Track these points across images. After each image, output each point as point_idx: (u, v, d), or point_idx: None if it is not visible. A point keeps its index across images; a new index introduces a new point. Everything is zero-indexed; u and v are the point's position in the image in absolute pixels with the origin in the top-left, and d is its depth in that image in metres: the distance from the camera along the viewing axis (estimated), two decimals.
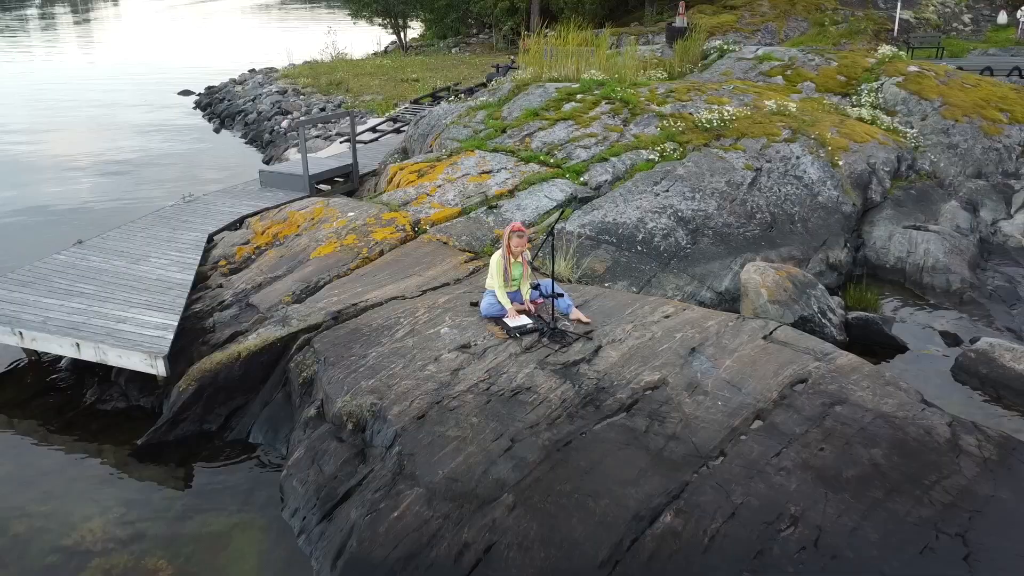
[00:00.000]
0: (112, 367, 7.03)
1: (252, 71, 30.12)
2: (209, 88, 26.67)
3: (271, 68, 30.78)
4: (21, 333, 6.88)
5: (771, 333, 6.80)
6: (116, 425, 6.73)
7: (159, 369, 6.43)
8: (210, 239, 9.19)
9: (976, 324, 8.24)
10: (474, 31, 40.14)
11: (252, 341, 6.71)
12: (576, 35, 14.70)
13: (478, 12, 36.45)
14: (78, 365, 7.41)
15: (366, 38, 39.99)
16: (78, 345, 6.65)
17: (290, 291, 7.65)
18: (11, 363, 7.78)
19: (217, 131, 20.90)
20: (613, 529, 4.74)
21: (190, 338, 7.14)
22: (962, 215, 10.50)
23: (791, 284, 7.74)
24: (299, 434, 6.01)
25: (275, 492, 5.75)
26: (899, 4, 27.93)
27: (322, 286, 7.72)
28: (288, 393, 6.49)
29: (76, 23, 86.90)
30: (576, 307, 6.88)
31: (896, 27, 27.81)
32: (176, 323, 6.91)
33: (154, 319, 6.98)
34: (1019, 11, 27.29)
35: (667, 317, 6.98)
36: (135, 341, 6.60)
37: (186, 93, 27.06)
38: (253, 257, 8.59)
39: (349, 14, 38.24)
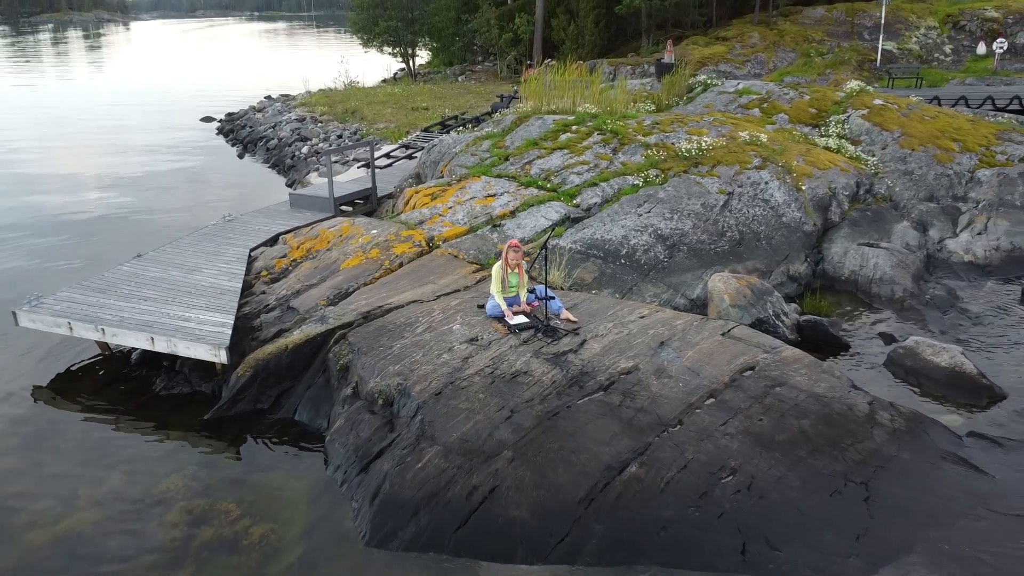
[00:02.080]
0: (177, 358, 8.40)
1: (268, 98, 31.80)
2: (229, 115, 28.29)
3: (286, 95, 32.48)
4: (103, 330, 8.25)
5: (729, 331, 8.13)
6: (182, 406, 8.07)
7: (221, 358, 7.78)
8: (250, 253, 10.58)
9: (911, 326, 9.56)
10: (479, 58, 41.92)
11: (296, 336, 8.08)
12: (572, 71, 16.16)
13: (483, 41, 38.22)
14: (146, 357, 8.78)
15: (375, 64, 41.87)
16: (152, 339, 8.02)
17: (325, 296, 9.03)
18: (84, 358, 9.14)
19: (241, 156, 22.44)
20: (590, 476, 6.06)
21: (241, 335, 8.49)
22: (912, 234, 11.87)
23: (750, 291, 9.09)
24: (338, 409, 7.35)
25: (318, 456, 7.09)
26: (881, 36, 29.49)
27: (352, 292, 9.10)
28: (327, 378, 7.83)
29: (92, 48, 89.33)
30: (566, 309, 8.22)
31: (879, 58, 29.35)
32: (232, 321, 8.28)
33: (213, 318, 8.35)
34: (995, 43, 28.81)
35: (642, 317, 8.32)
36: (200, 335, 7.97)
37: (208, 119, 28.68)
38: (290, 268, 9.97)
39: (360, 43, 40.07)
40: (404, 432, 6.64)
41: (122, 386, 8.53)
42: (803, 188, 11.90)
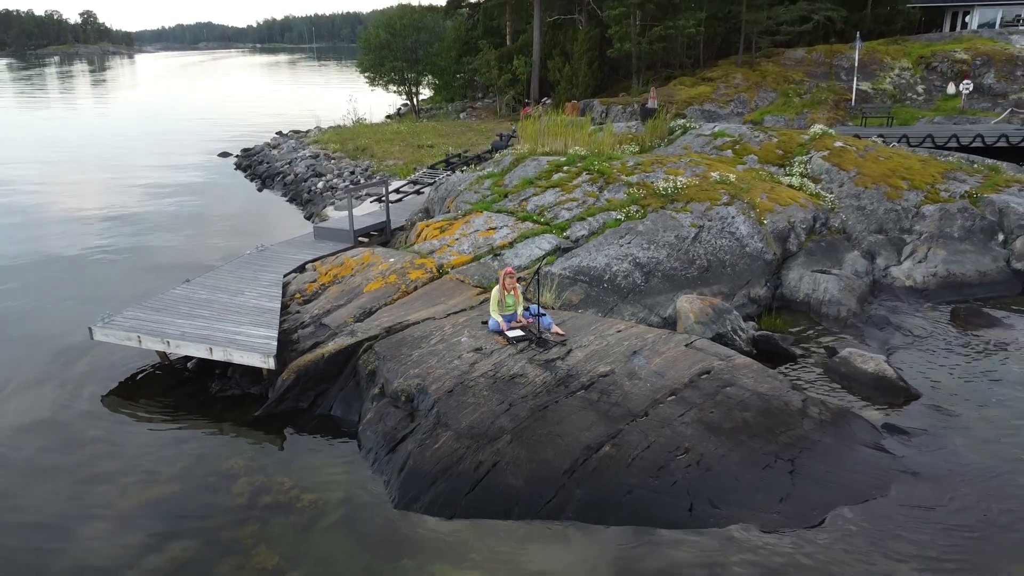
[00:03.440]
0: (229, 365, 9.99)
1: (280, 134, 33.71)
2: (245, 150, 30.14)
3: (297, 130, 34.41)
4: (168, 342, 9.85)
5: (692, 343, 9.74)
6: (234, 406, 9.64)
7: (270, 364, 9.37)
8: (283, 278, 12.21)
9: (851, 340, 11.17)
10: (479, 95, 44.02)
11: (331, 346, 9.69)
12: (565, 113, 17.96)
13: (483, 80, 40.34)
14: (201, 366, 10.37)
15: (380, 100, 44.05)
16: (211, 349, 9.62)
17: (352, 314, 10.65)
18: (144, 366, 10.71)
19: (260, 190, 24.19)
20: (572, 453, 7.63)
21: (282, 347, 10.06)
22: (861, 262, 13.54)
23: (712, 310, 10.73)
24: (368, 405, 8.94)
25: (352, 443, 8.65)
26: (855, 76, 31.51)
27: (375, 311, 10.72)
28: (357, 381, 9.42)
29: (99, 82, 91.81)
30: (556, 324, 9.84)
31: (854, 97, 31.33)
32: (276, 335, 9.88)
33: (260, 332, 9.95)
34: (961, 83, 30.84)
35: (619, 331, 9.94)
36: (252, 346, 9.56)
37: (224, 155, 30.51)
38: (320, 291, 11.60)
39: (366, 81, 42.21)
40: (423, 421, 8.21)
41: (181, 389, 10.10)
42: (765, 222, 13.60)
